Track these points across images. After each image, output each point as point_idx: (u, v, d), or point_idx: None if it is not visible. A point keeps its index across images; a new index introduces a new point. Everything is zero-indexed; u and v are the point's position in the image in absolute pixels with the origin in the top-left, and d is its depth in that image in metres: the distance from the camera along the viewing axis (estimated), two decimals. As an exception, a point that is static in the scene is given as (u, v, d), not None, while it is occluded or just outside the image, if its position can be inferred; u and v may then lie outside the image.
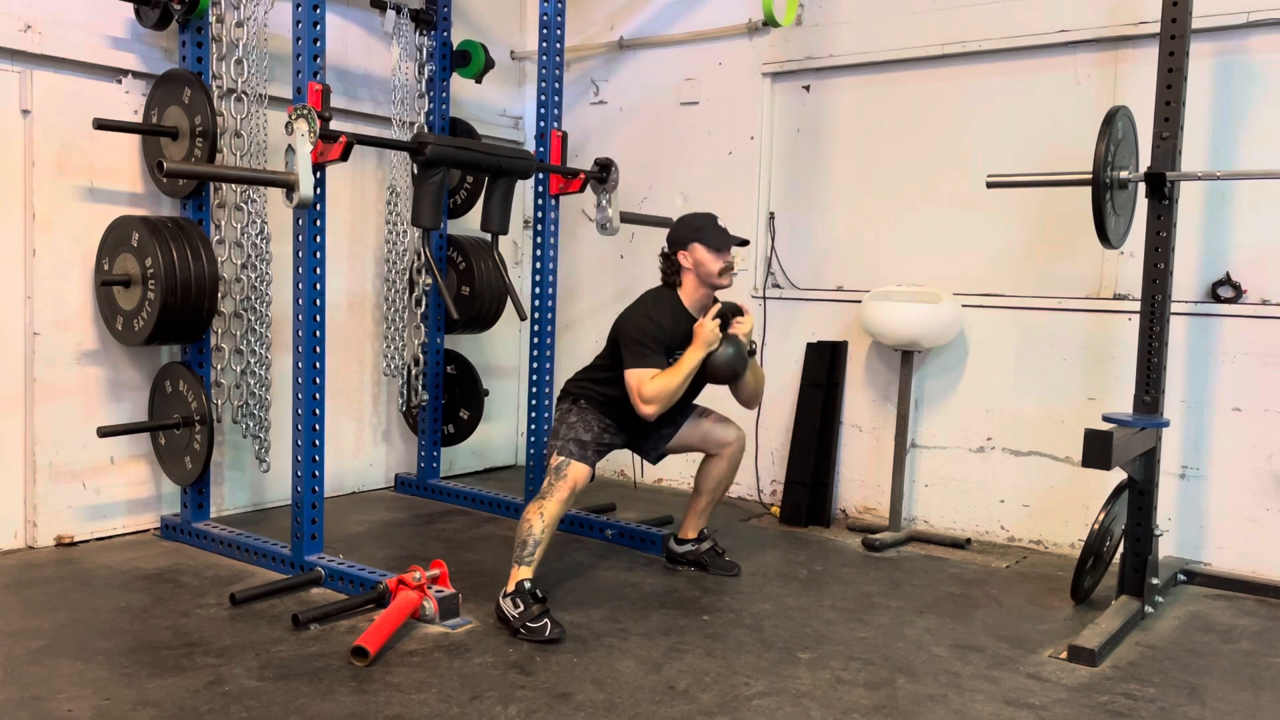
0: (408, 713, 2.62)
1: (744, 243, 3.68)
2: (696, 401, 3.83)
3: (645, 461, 3.90)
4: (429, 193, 3.71)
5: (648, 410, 3.44)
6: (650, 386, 3.43)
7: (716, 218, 3.66)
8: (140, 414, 4.12)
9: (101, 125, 3.73)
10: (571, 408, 3.61)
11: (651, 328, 3.52)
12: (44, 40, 3.77)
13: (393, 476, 5.19)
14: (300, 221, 3.51)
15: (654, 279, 3.74)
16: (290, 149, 3.39)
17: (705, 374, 3.58)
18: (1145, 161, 3.52)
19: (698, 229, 3.62)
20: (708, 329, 3.51)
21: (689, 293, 3.63)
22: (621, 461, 5.53)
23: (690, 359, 3.49)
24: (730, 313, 3.63)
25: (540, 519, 3.30)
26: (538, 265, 4.53)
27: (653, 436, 3.78)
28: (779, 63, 4.93)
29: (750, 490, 5.09)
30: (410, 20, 4.71)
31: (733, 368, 3.58)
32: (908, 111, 4.63)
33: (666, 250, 3.68)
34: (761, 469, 5.04)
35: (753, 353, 3.71)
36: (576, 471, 3.43)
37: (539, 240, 4.54)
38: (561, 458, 3.46)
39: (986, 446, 4.44)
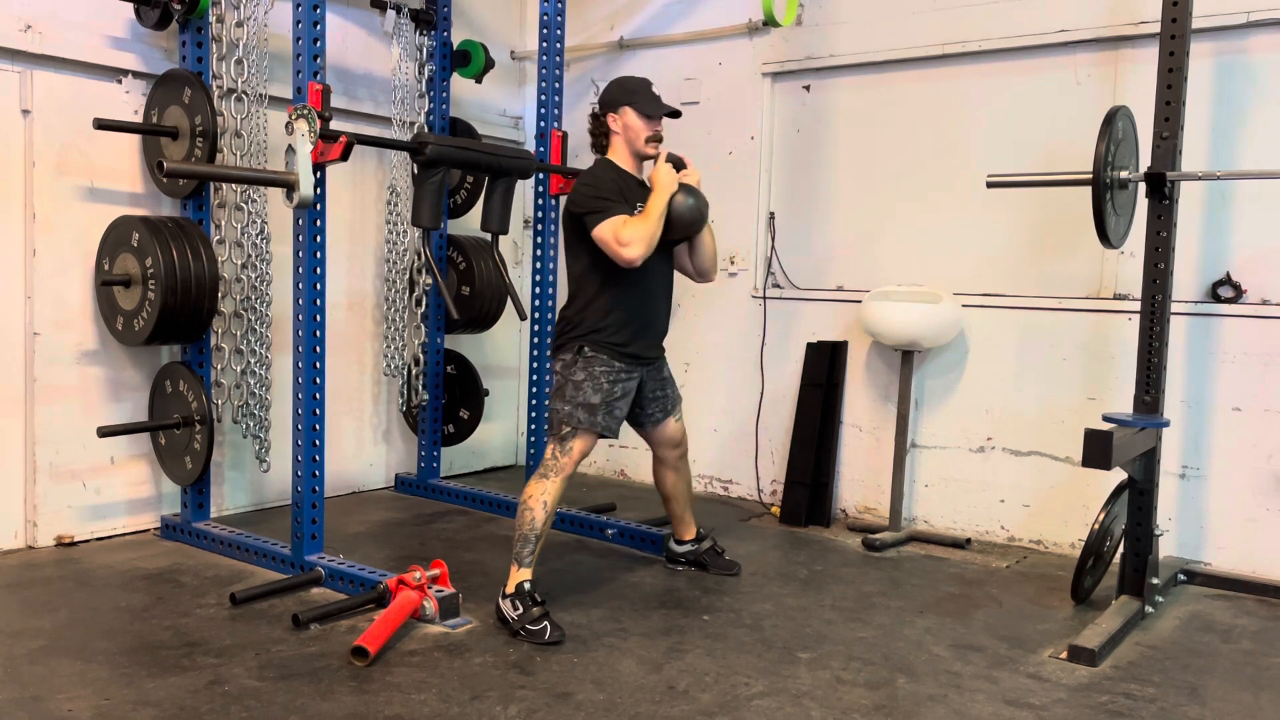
0: (408, 713, 2.62)
1: (676, 113, 3.51)
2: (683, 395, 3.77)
3: (640, 431, 3.72)
4: (429, 193, 3.71)
5: (630, 254, 3.23)
6: (627, 230, 3.24)
7: (651, 84, 3.50)
8: (140, 414, 4.12)
9: (101, 125, 3.73)
10: (576, 359, 3.39)
11: (604, 182, 3.37)
12: (44, 40, 3.77)
13: (393, 476, 5.19)
14: (300, 221, 3.51)
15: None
16: (290, 149, 3.40)
17: (672, 227, 3.39)
18: (1145, 161, 3.52)
19: (630, 92, 3.45)
20: (664, 172, 3.36)
21: (620, 159, 3.49)
22: (622, 461, 5.54)
23: (657, 202, 3.32)
24: (676, 163, 3.46)
25: (543, 508, 3.25)
26: (538, 265, 4.53)
27: (651, 380, 3.58)
28: (779, 63, 4.93)
29: (750, 490, 5.09)
30: (410, 20, 4.71)
31: (698, 212, 3.43)
32: (908, 111, 4.63)
33: (596, 110, 3.52)
34: (761, 469, 5.04)
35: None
36: (584, 445, 3.35)
37: (539, 240, 4.54)
38: (568, 427, 3.34)
39: (986, 446, 4.44)
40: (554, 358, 3.50)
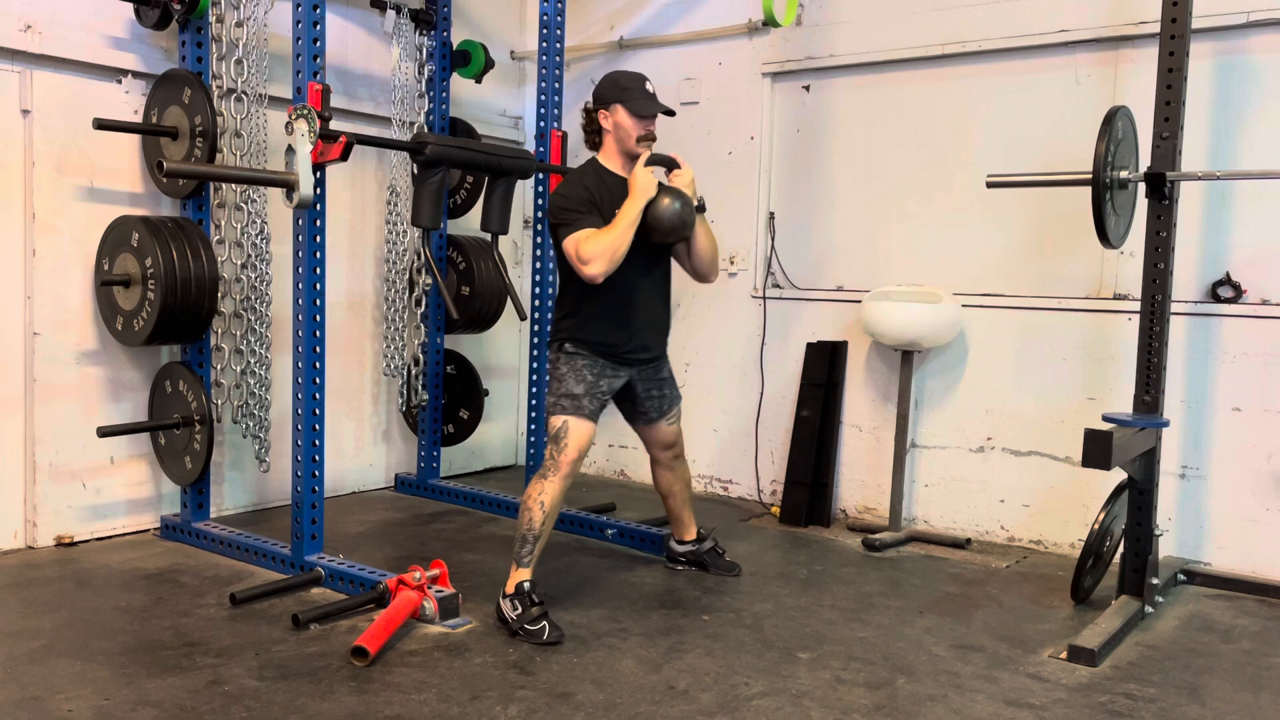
0: (408, 713, 2.62)
1: (670, 112, 3.40)
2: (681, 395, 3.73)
3: (633, 426, 3.69)
4: (429, 193, 3.71)
5: (591, 271, 3.16)
6: (589, 245, 3.16)
7: (647, 80, 3.41)
8: (140, 414, 4.12)
9: (101, 125, 3.73)
10: (559, 356, 3.40)
11: (577, 191, 3.29)
12: (44, 40, 3.77)
13: (393, 476, 5.19)
14: (300, 221, 3.51)
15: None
16: (290, 149, 3.40)
17: (654, 232, 3.29)
18: (1145, 161, 3.52)
19: (623, 89, 3.35)
20: (641, 176, 3.26)
21: (610, 157, 3.42)
22: (622, 461, 5.54)
23: (629, 210, 3.22)
24: (666, 164, 3.35)
25: (541, 509, 3.22)
26: (538, 265, 4.53)
27: (644, 380, 3.54)
28: (779, 63, 4.93)
29: (750, 490, 5.09)
30: (410, 20, 4.71)
31: (680, 218, 3.28)
32: (908, 111, 4.63)
33: (589, 105, 3.44)
34: (761, 469, 5.04)
35: (701, 207, 3.44)
36: (578, 435, 3.29)
37: (539, 240, 4.54)
38: (559, 420, 3.31)
39: (986, 446, 4.44)
40: (548, 352, 3.52)
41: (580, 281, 3.30)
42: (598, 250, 3.18)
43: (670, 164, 3.40)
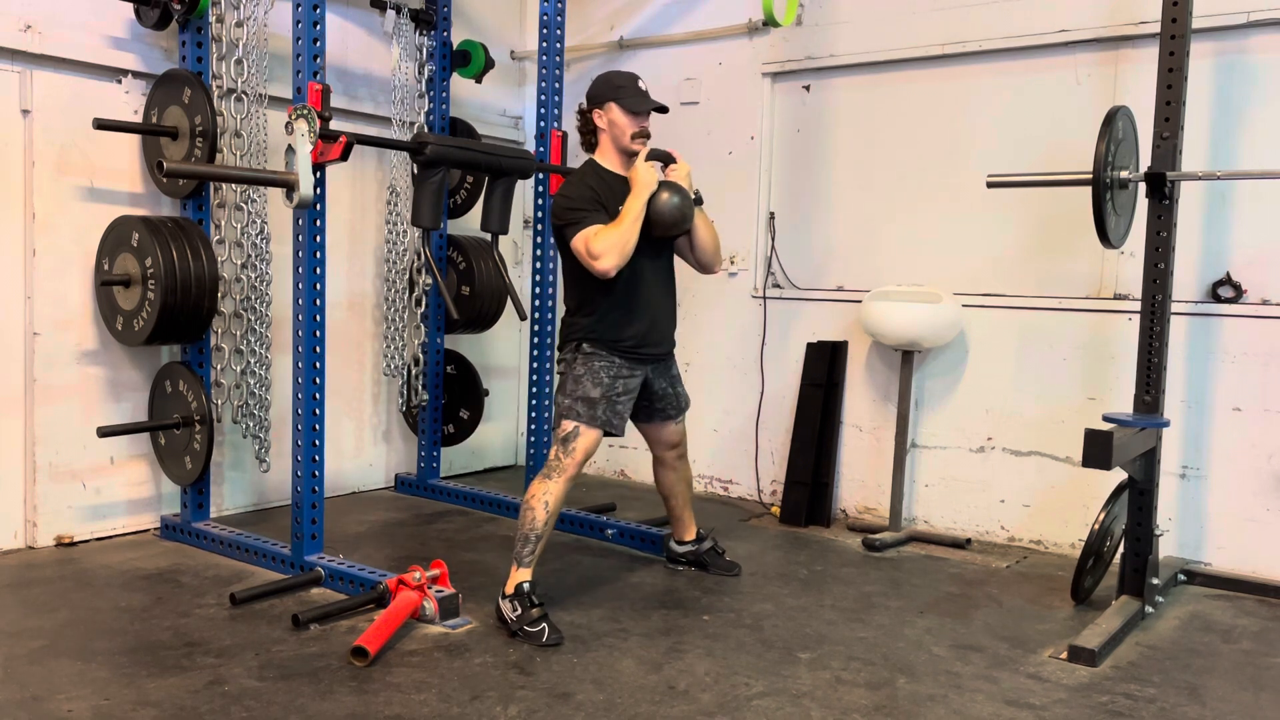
0: (408, 713, 2.62)
1: (663, 109, 3.46)
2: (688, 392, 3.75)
3: (643, 425, 3.71)
4: (429, 193, 3.71)
5: (602, 266, 3.22)
6: (599, 241, 3.23)
7: (639, 78, 3.47)
8: (140, 414, 4.12)
9: (101, 125, 3.73)
10: (575, 356, 3.42)
11: (581, 190, 3.36)
12: (44, 40, 3.77)
13: (393, 476, 5.19)
14: (300, 221, 3.51)
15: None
16: (290, 149, 3.40)
17: (655, 227, 3.36)
18: (1145, 161, 3.53)
19: (616, 88, 3.42)
20: (643, 171, 3.33)
21: (606, 156, 3.47)
22: (622, 461, 5.54)
23: (633, 205, 3.28)
24: (663, 159, 3.43)
25: (545, 509, 3.24)
26: (538, 265, 4.53)
27: (659, 377, 3.57)
28: (779, 63, 4.93)
29: (750, 490, 5.09)
30: (410, 20, 4.71)
31: (680, 212, 3.37)
32: (908, 111, 4.63)
33: (584, 106, 3.50)
34: (761, 469, 5.04)
35: (699, 200, 3.51)
36: (587, 442, 3.32)
37: (539, 240, 4.54)
38: (571, 424, 3.33)
39: (986, 446, 4.44)
40: (557, 358, 3.54)
41: (591, 278, 3.34)
42: (608, 245, 3.23)
43: (667, 159, 3.46)
